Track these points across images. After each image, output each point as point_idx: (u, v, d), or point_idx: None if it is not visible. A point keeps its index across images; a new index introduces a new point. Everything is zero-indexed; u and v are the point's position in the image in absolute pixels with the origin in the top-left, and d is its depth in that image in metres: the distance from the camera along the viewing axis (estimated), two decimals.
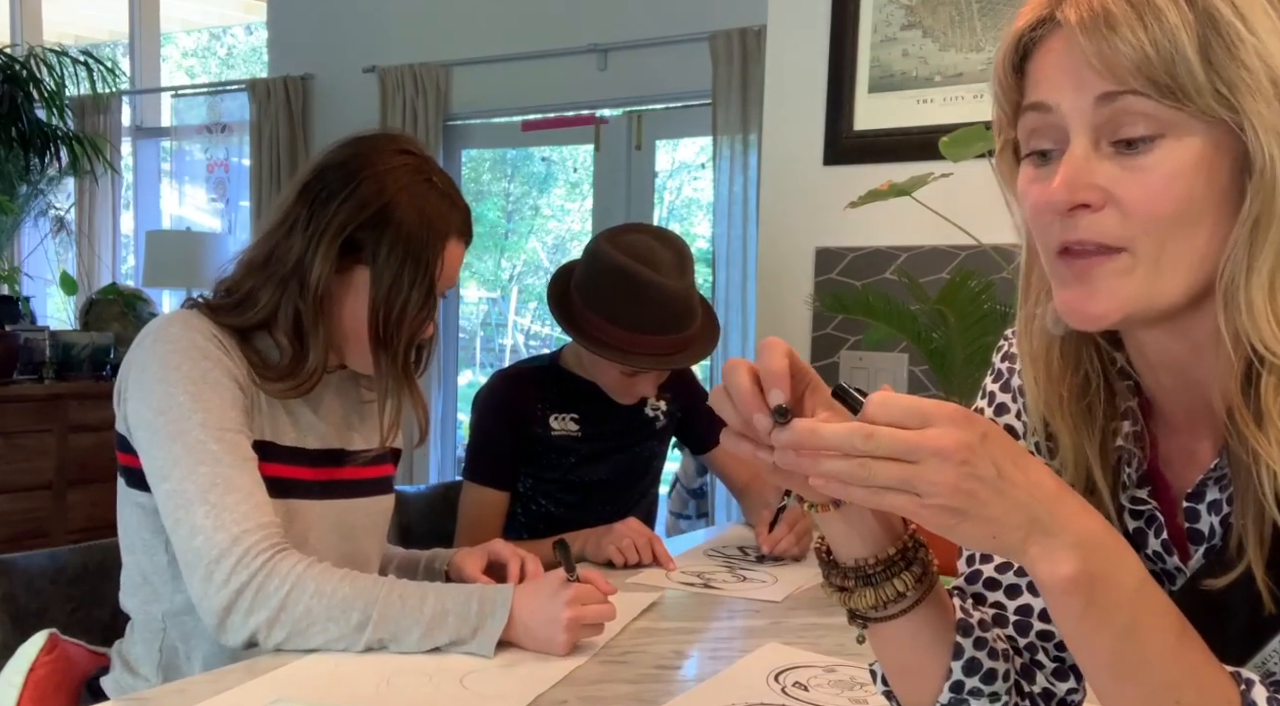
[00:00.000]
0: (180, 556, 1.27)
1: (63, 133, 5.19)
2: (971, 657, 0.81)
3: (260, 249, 1.42)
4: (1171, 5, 0.67)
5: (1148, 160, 0.69)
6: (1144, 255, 0.69)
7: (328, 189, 1.39)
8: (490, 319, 6.36)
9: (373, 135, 1.47)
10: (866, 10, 2.32)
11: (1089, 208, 0.70)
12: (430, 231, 1.41)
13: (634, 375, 1.94)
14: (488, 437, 2.03)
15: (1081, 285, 0.71)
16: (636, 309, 1.85)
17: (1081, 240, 0.70)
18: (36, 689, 1.33)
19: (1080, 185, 0.70)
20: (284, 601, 1.24)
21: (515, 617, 1.30)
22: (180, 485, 1.27)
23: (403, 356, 1.42)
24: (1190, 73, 0.67)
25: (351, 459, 1.49)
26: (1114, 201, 0.69)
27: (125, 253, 6.05)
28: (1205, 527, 0.77)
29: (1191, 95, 0.67)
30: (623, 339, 1.86)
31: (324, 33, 5.04)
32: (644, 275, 1.84)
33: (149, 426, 1.30)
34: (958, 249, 2.18)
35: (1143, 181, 0.69)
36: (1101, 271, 0.70)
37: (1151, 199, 0.68)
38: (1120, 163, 0.69)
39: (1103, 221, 0.70)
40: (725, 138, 3.99)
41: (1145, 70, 0.67)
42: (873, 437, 0.63)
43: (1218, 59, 0.67)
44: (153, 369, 1.32)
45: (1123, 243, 0.70)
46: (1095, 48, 0.68)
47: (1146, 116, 0.68)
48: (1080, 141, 0.70)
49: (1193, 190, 0.68)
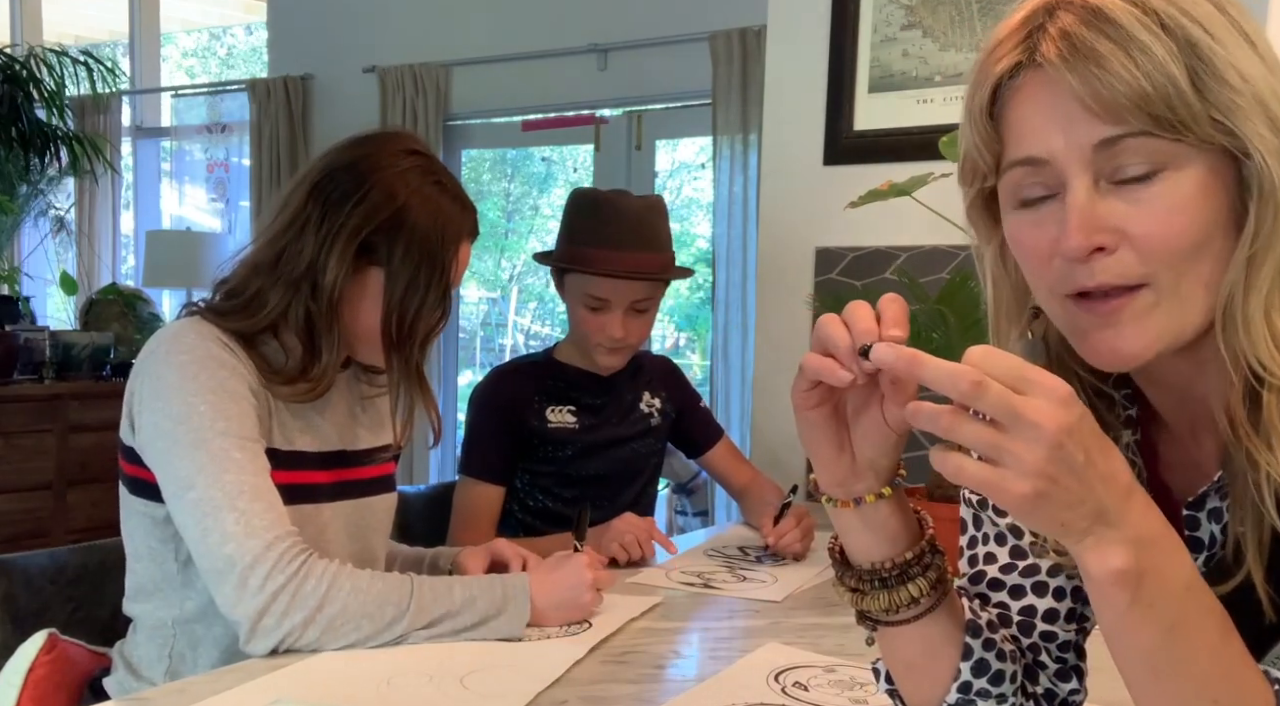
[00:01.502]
0: (208, 564, 1.26)
1: (63, 133, 5.19)
2: (980, 659, 0.81)
3: (268, 250, 1.41)
4: (1153, 38, 0.66)
5: (1153, 193, 0.68)
6: (1165, 288, 0.69)
7: (339, 190, 1.39)
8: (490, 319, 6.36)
9: (379, 134, 1.47)
10: (866, 10, 2.32)
11: (1104, 250, 0.69)
12: (444, 235, 1.42)
13: (599, 309, 1.97)
14: (484, 432, 2.03)
15: (1110, 328, 0.70)
16: (595, 224, 1.96)
17: (1102, 284, 0.69)
18: (36, 689, 1.33)
19: (1094, 229, 0.68)
20: (322, 600, 1.25)
21: (534, 598, 1.38)
22: (207, 493, 1.26)
23: (416, 357, 1.43)
24: (1187, 104, 0.66)
25: (362, 459, 1.50)
26: (1128, 240, 0.68)
27: (125, 253, 6.05)
28: (1205, 535, 0.77)
29: (1191, 126, 0.66)
30: (583, 254, 1.95)
31: (324, 33, 5.04)
32: (606, 195, 1.99)
33: (169, 436, 1.30)
34: (958, 249, 2.18)
35: (1153, 216, 0.68)
36: (1129, 313, 0.70)
37: (1166, 232, 0.68)
38: (1125, 198, 0.68)
39: (1121, 262, 0.69)
40: (725, 138, 3.99)
41: (1145, 106, 0.66)
42: (980, 388, 0.59)
43: (1207, 87, 0.66)
44: (170, 378, 1.32)
45: (1143, 279, 0.69)
46: (1088, 87, 0.67)
47: (1148, 152, 0.67)
48: (1081, 184, 0.69)
49: (1201, 217, 0.68)
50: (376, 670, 1.23)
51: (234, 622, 1.26)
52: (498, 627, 1.34)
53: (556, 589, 1.41)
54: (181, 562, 1.35)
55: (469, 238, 1.48)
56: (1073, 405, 0.60)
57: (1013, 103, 0.72)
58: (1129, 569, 0.63)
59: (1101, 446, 0.62)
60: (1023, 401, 0.59)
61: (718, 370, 4.06)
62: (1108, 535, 0.62)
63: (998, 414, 0.60)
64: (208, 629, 1.35)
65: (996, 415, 0.60)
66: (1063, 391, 0.60)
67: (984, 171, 0.76)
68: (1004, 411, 0.59)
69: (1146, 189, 0.68)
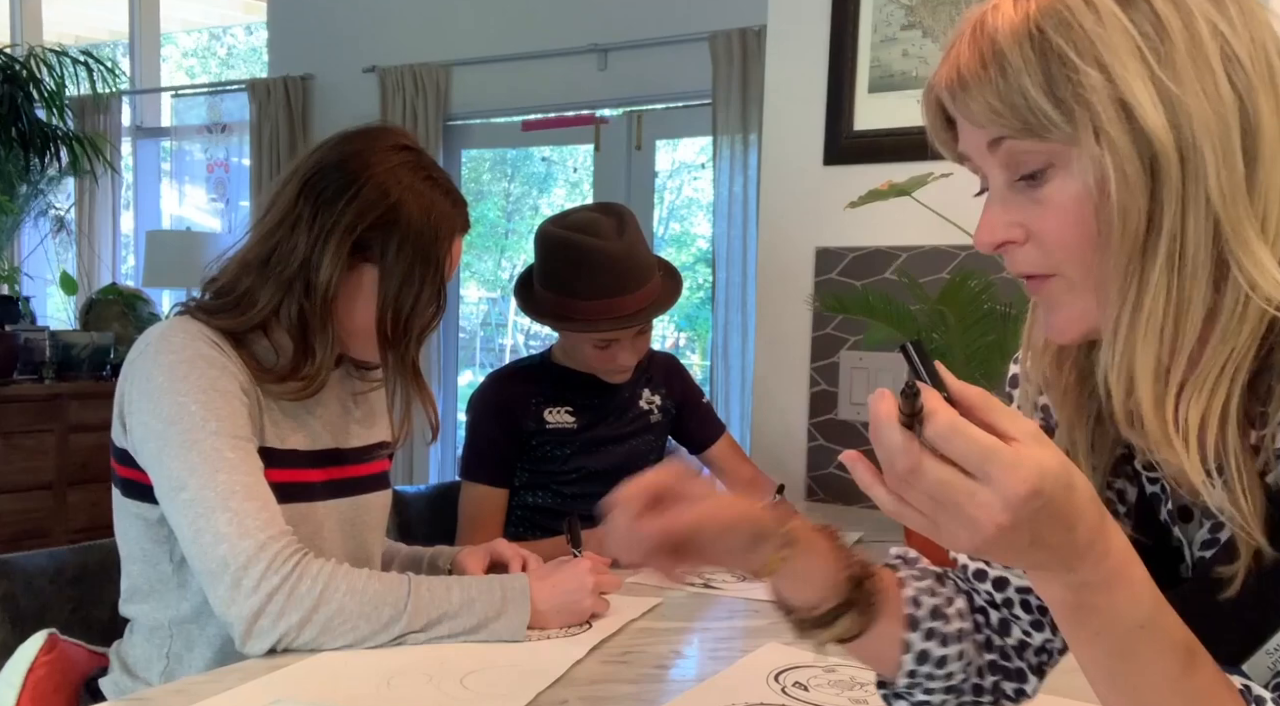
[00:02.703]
0: (202, 564, 1.26)
1: (63, 133, 5.19)
2: (922, 650, 0.88)
3: (258, 248, 1.40)
4: (1015, 46, 0.69)
5: (1046, 192, 0.71)
6: (1076, 279, 0.72)
7: (331, 187, 1.38)
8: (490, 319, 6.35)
9: (368, 130, 1.46)
10: (866, 10, 2.31)
11: (1015, 243, 0.73)
12: (437, 231, 1.41)
13: (606, 347, 1.97)
14: (483, 436, 2.04)
15: (1043, 307, 0.76)
16: (585, 276, 1.91)
17: (1019, 273, 0.75)
18: (36, 689, 1.32)
19: (998, 225, 0.74)
20: (317, 601, 1.24)
21: (534, 601, 1.36)
22: (199, 493, 1.26)
23: (411, 353, 1.43)
24: (1037, 111, 0.68)
25: (355, 457, 1.49)
26: (1033, 236, 0.73)
27: (125, 253, 6.05)
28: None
29: (1049, 129, 0.68)
30: (579, 309, 1.92)
31: (324, 33, 5.04)
32: (585, 242, 1.92)
33: (160, 437, 1.29)
34: (958, 249, 2.18)
35: (1048, 213, 0.71)
36: (1046, 295, 0.74)
37: (1059, 229, 0.71)
38: (1029, 196, 0.72)
39: (1028, 254, 0.73)
40: (725, 138, 3.99)
41: (1000, 122, 0.70)
42: (915, 475, 0.58)
43: (1061, 91, 0.68)
44: (159, 379, 1.31)
45: (1050, 269, 0.73)
46: (961, 109, 0.73)
47: (1031, 152, 0.70)
48: (996, 182, 0.74)
49: (1094, 214, 0.69)
50: (376, 670, 1.22)
51: (228, 624, 1.25)
52: (497, 630, 1.33)
53: (557, 592, 1.40)
54: (175, 564, 1.34)
55: (461, 232, 1.47)
56: (1026, 504, 0.57)
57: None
58: (1067, 602, 0.63)
59: (1058, 523, 0.59)
60: (969, 494, 0.57)
61: (718, 370, 4.06)
62: (1048, 575, 0.63)
63: (934, 500, 0.59)
64: (202, 629, 1.35)
65: (935, 499, 0.59)
66: (1020, 492, 0.57)
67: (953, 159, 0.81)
68: (942, 499, 0.58)
69: (1039, 188, 0.71)
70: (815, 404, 2.40)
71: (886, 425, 0.59)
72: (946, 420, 0.58)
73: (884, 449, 0.59)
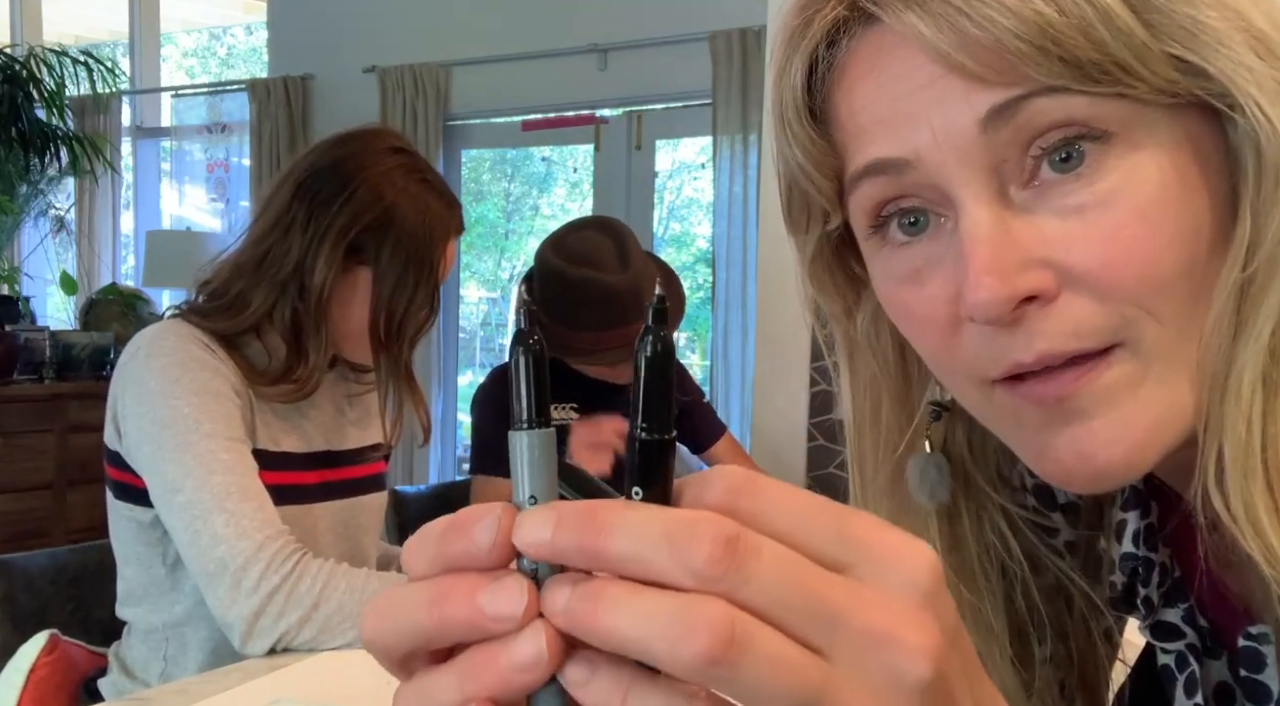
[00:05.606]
0: (200, 567, 1.26)
1: (63, 133, 5.19)
2: None
3: (252, 251, 1.40)
4: None
5: (1098, 190, 0.42)
6: (1151, 343, 0.43)
7: (326, 190, 1.38)
8: (490, 319, 6.35)
9: (362, 132, 1.46)
10: None
11: (1039, 299, 0.43)
12: (432, 233, 1.41)
13: (615, 364, 1.98)
14: (490, 430, 2.05)
15: (1071, 425, 0.44)
16: (588, 311, 1.92)
17: (1046, 355, 0.43)
18: (37, 689, 1.32)
19: (1011, 267, 0.42)
20: (317, 600, 1.24)
21: None
22: (195, 495, 1.26)
23: (405, 355, 1.43)
24: (1123, 30, 0.40)
25: (350, 458, 1.49)
26: (1070, 275, 0.43)
27: (125, 253, 6.05)
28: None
29: (1137, 68, 0.41)
30: (586, 340, 1.93)
31: (324, 33, 5.04)
32: (589, 278, 1.91)
33: (154, 441, 1.29)
34: None
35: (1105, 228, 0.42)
36: (1099, 392, 0.44)
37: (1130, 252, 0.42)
38: (1053, 205, 0.43)
39: (1071, 312, 0.43)
40: (725, 138, 3.99)
41: (1054, 44, 0.40)
42: (734, 649, 0.30)
43: (1158, 3, 0.41)
44: (152, 383, 1.31)
45: (1113, 335, 0.43)
46: (954, 36, 0.41)
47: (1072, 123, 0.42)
48: (973, 195, 0.43)
49: (1185, 221, 0.43)
50: (376, 670, 1.21)
51: (228, 625, 1.25)
52: None
53: None
54: (169, 566, 1.34)
55: (455, 235, 1.47)
56: (940, 592, 0.32)
57: (841, 87, 0.47)
58: None
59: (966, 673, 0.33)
60: (850, 596, 0.31)
61: (718, 370, 4.06)
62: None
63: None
64: (195, 632, 1.35)
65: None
66: (926, 568, 0.32)
67: (821, 204, 0.50)
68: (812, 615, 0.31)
69: (1085, 185, 0.43)
70: (815, 404, 2.40)
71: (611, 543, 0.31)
72: (786, 555, 0.31)
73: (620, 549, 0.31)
